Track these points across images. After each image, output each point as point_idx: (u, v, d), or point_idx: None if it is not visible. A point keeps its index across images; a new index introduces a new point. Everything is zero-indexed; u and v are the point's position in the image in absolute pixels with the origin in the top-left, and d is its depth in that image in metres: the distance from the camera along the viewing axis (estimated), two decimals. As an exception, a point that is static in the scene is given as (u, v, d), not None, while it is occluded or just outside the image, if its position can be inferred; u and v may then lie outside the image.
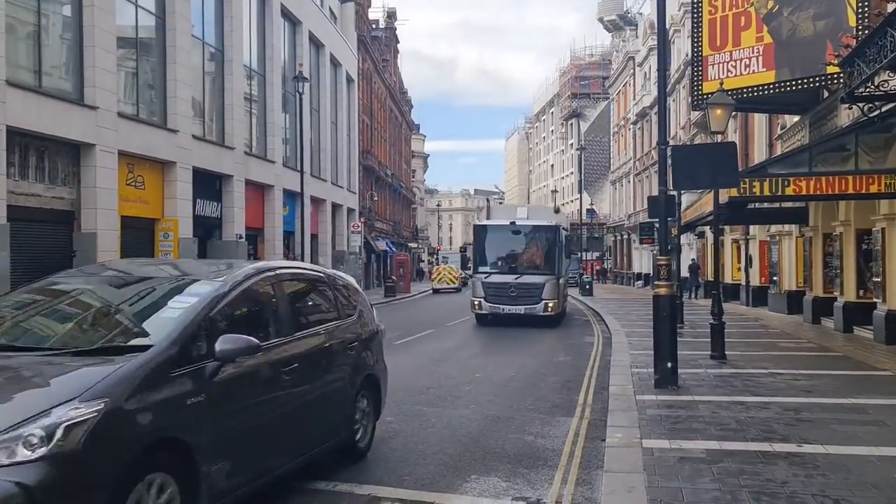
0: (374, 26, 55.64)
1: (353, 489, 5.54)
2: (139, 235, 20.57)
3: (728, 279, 27.96)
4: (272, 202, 28.93)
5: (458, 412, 8.46)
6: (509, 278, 19.41)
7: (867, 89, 10.50)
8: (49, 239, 17.46)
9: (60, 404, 3.62)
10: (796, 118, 18.97)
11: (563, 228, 20.90)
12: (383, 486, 5.63)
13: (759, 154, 24.20)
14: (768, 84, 15.24)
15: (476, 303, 19.93)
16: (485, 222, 21.61)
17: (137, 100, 20.72)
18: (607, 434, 6.88)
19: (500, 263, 20.13)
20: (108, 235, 18.30)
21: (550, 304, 19.12)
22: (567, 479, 5.90)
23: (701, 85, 16.23)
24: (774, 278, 22.47)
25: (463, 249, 36.06)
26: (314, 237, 34.49)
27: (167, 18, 21.50)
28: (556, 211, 22.73)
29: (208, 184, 24.26)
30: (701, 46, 16.32)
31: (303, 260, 27.05)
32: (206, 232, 24.38)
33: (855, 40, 11.10)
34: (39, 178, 17.04)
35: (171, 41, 21.54)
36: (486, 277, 19.74)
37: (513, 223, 20.20)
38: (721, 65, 15.92)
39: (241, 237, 25.31)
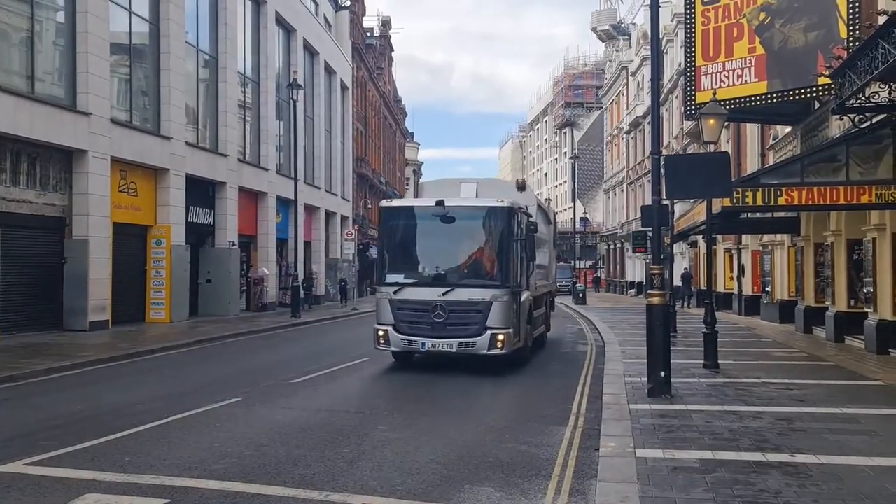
0: (368, 34, 55.73)
1: (346, 499, 5.51)
2: (131, 242, 20.51)
3: (721, 288, 28.07)
4: (266, 209, 28.88)
5: (452, 421, 8.43)
6: (434, 293, 12.23)
7: (858, 101, 10.59)
8: (40, 245, 17.38)
9: None
10: (788, 128, 19.09)
11: (526, 213, 13.66)
12: (376, 495, 5.60)
13: (751, 164, 24.33)
14: (760, 95, 15.34)
15: (381, 333, 12.64)
16: (397, 203, 14.28)
17: (130, 106, 20.68)
18: (601, 443, 6.87)
19: (420, 269, 13.01)
20: (100, 242, 18.23)
21: (501, 336, 11.93)
22: (561, 488, 5.88)
23: (694, 95, 16.33)
24: (767, 288, 22.55)
25: (364, 248, 18.02)
26: (307, 244, 34.44)
27: (161, 25, 21.50)
28: (521, 188, 14.56)
29: (201, 191, 24.22)
30: (694, 57, 16.42)
31: (296, 268, 27.02)
32: (199, 239, 24.32)
33: (846, 52, 11.20)
34: (31, 185, 16.97)
35: (165, 48, 21.53)
36: (396, 292, 12.60)
37: (440, 203, 12.44)
38: (714, 75, 16.01)
39: (233, 244, 25.25)
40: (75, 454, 6.71)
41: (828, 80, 12.11)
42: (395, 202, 14.29)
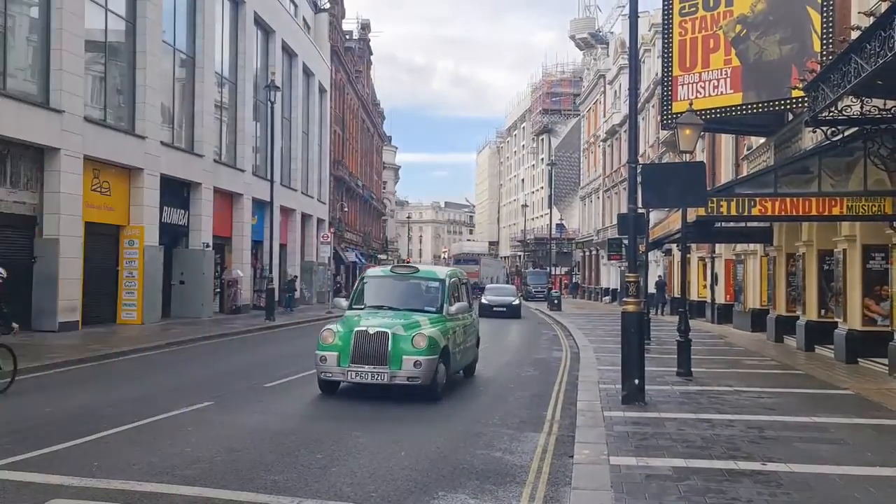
0: (347, 37, 55.59)
1: (319, 505, 5.46)
2: (104, 242, 20.21)
3: (694, 296, 28.33)
4: (241, 211, 28.61)
5: (427, 428, 8.40)
6: None
7: (830, 114, 10.75)
8: (9, 244, 17.06)
9: None
10: (762, 140, 19.35)
11: None
12: (350, 502, 5.56)
13: (725, 174, 24.62)
14: (735, 106, 15.53)
15: None
16: None
17: (105, 104, 20.39)
18: (575, 450, 6.89)
19: None
20: (71, 241, 17.93)
21: None
22: (535, 496, 5.88)
23: (671, 105, 16.48)
24: (739, 297, 22.81)
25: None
26: (283, 247, 34.17)
27: (137, 23, 21.24)
28: None
29: (176, 191, 23.94)
30: (671, 67, 16.58)
31: (271, 271, 26.82)
32: (173, 240, 24.02)
33: (819, 66, 11.37)
34: (1, 182, 16.64)
35: (142, 46, 21.27)
36: None
37: None
38: (690, 85, 16.18)
39: (207, 246, 24.97)
40: (42, 458, 6.57)
41: (801, 93, 12.28)
42: None
